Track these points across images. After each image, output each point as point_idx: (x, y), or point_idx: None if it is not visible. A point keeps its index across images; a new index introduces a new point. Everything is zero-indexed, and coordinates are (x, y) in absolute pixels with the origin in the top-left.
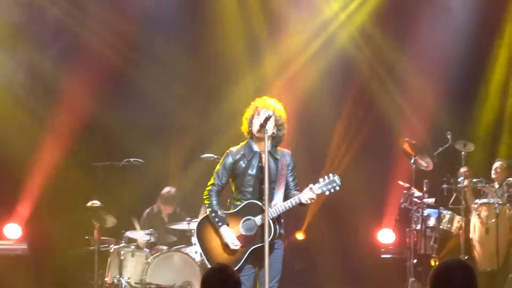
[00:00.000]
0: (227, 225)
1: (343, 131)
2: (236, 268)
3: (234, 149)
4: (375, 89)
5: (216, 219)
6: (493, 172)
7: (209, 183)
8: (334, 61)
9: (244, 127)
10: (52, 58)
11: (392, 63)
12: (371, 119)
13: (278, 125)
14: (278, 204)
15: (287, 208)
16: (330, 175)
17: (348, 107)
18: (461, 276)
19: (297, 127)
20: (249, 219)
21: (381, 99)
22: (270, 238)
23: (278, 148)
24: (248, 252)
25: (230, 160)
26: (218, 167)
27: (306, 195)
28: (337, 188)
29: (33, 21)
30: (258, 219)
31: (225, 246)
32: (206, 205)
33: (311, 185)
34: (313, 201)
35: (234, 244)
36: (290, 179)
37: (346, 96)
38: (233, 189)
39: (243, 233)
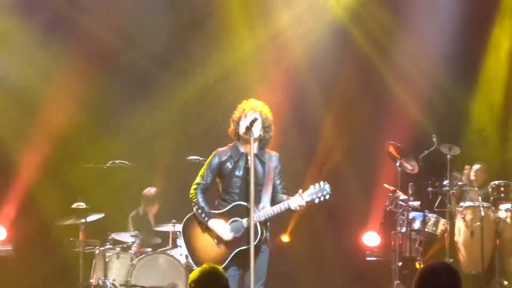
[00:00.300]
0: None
1: (329, 133)
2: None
3: (221, 149)
4: (361, 92)
5: (203, 215)
6: (472, 174)
7: (194, 182)
8: (319, 62)
9: (231, 129)
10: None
11: (377, 66)
12: (357, 121)
13: (265, 127)
14: (266, 208)
15: (276, 213)
16: (321, 183)
17: (334, 110)
18: (446, 279)
19: (284, 127)
20: (237, 220)
21: (366, 102)
22: (256, 241)
23: (266, 150)
24: (233, 253)
25: (216, 160)
26: (204, 166)
27: (296, 202)
28: (327, 196)
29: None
30: (245, 221)
31: (211, 245)
32: (193, 203)
33: (300, 191)
34: (302, 207)
35: (227, 233)
36: (277, 182)
37: (332, 98)
38: (220, 190)
39: (231, 236)
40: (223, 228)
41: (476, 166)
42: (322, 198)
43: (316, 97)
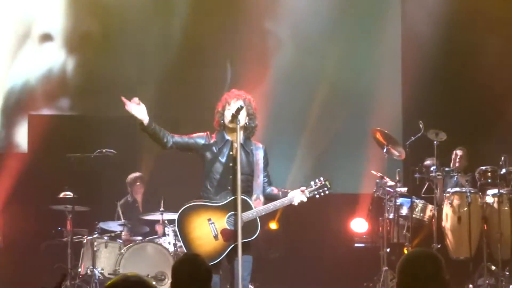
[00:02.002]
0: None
1: (315, 120)
2: (216, 261)
3: (210, 134)
4: (349, 77)
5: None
6: (457, 160)
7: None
8: (307, 50)
9: (216, 121)
10: None
11: (366, 51)
12: (344, 107)
13: (249, 115)
14: (263, 202)
15: (277, 207)
16: (321, 179)
17: (321, 96)
18: (429, 267)
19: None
20: (235, 214)
21: (355, 87)
22: (255, 235)
23: (253, 141)
24: (231, 247)
25: (203, 139)
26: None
27: (299, 198)
28: (327, 192)
29: None
30: (244, 215)
31: (208, 238)
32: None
33: (302, 188)
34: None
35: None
36: (265, 173)
37: (319, 84)
38: (202, 177)
39: (228, 227)
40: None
41: (459, 152)
42: (322, 194)
43: (303, 82)
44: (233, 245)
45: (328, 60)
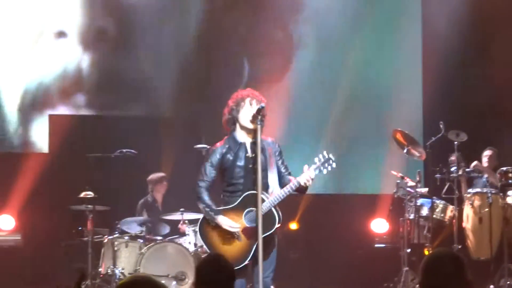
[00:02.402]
0: (222, 215)
1: (336, 120)
2: (246, 262)
3: (218, 144)
4: (370, 78)
5: (211, 213)
6: (485, 160)
7: (197, 180)
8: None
9: (226, 120)
10: None
11: (387, 51)
12: (364, 108)
13: (263, 116)
14: (276, 191)
15: (287, 193)
16: (324, 153)
17: (341, 97)
18: (452, 267)
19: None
20: (251, 210)
21: (376, 88)
22: (276, 226)
23: (262, 137)
24: (256, 244)
25: (217, 156)
26: (205, 164)
27: (304, 176)
28: (333, 165)
29: None
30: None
31: (231, 240)
32: (199, 203)
33: (306, 166)
34: (311, 182)
35: (233, 227)
36: (280, 164)
37: (340, 85)
38: (223, 184)
39: (247, 225)
40: (227, 222)
41: (488, 152)
42: (329, 168)
43: (324, 82)
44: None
45: (349, 61)
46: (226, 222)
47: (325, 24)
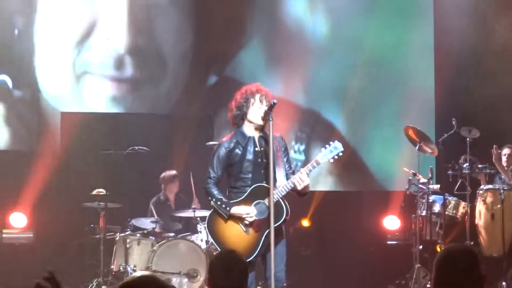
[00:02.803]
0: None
1: (347, 118)
2: (255, 255)
3: (225, 139)
4: (382, 74)
5: (223, 205)
6: (504, 158)
7: (206, 177)
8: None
9: (233, 115)
10: None
11: (398, 47)
12: (376, 105)
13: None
14: (283, 184)
15: (293, 185)
16: (331, 142)
17: (351, 95)
18: (466, 262)
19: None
20: (259, 202)
21: (387, 84)
22: (283, 218)
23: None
24: (264, 236)
25: (223, 151)
26: (212, 160)
27: (307, 168)
28: (341, 153)
29: None
30: (267, 201)
31: (239, 234)
32: (209, 198)
33: (301, 169)
34: (303, 184)
35: (250, 215)
36: (285, 161)
37: (350, 85)
38: (230, 179)
39: (256, 218)
40: (246, 210)
41: (507, 150)
42: (336, 157)
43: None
44: (266, 232)
45: (359, 59)
46: (241, 210)
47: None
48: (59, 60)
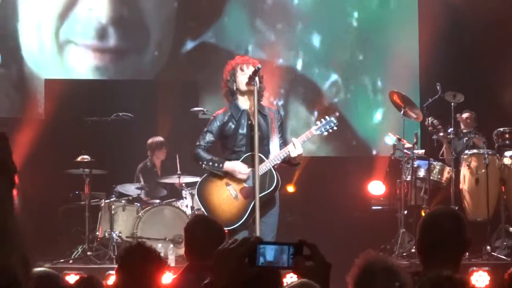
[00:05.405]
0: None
1: (330, 83)
2: (243, 220)
3: (220, 111)
4: (366, 39)
5: (216, 164)
6: (462, 122)
7: (194, 147)
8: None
9: (225, 91)
10: None
11: (383, 12)
12: (360, 70)
13: (259, 78)
14: (275, 153)
15: (288, 153)
16: (326, 117)
17: (338, 59)
18: (450, 225)
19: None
20: (251, 170)
21: (372, 49)
22: (274, 186)
23: (264, 105)
24: (252, 203)
25: (217, 123)
26: (204, 131)
27: (301, 138)
28: (335, 128)
29: None
30: (260, 169)
31: (228, 200)
32: (200, 162)
33: (294, 138)
34: (297, 152)
35: (243, 171)
36: (279, 134)
37: (335, 46)
38: (225, 152)
39: (246, 185)
40: (239, 165)
41: (466, 114)
42: (330, 130)
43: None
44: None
45: (343, 24)
46: (237, 166)
47: None
48: (42, 28)
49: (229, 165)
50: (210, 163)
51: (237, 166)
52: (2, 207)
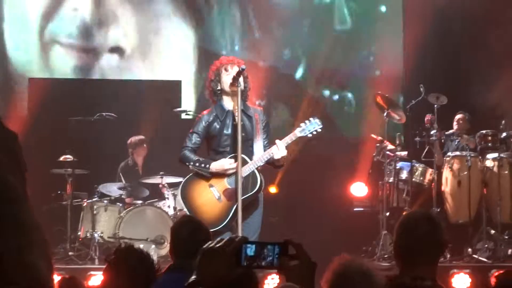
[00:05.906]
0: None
1: (315, 83)
2: (226, 222)
3: (205, 112)
4: (350, 40)
5: (202, 165)
6: (455, 123)
7: (181, 148)
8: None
9: (210, 92)
10: None
11: (367, 11)
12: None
13: (244, 78)
14: (258, 154)
15: (271, 155)
16: (311, 118)
17: (320, 62)
18: (424, 228)
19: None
20: (234, 172)
21: (356, 51)
22: (257, 188)
23: (249, 105)
24: (235, 205)
25: (203, 124)
26: (190, 132)
27: (285, 140)
28: (319, 130)
29: None
30: (243, 170)
31: (212, 201)
32: (186, 164)
33: (277, 141)
34: (280, 154)
35: (229, 163)
36: (265, 138)
37: (320, 50)
38: (211, 153)
39: (229, 187)
40: (225, 162)
41: (459, 116)
42: (314, 132)
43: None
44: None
45: (328, 23)
46: (222, 163)
47: None
48: (27, 28)
49: (216, 164)
50: (197, 164)
51: (225, 163)
52: (25, 206)
